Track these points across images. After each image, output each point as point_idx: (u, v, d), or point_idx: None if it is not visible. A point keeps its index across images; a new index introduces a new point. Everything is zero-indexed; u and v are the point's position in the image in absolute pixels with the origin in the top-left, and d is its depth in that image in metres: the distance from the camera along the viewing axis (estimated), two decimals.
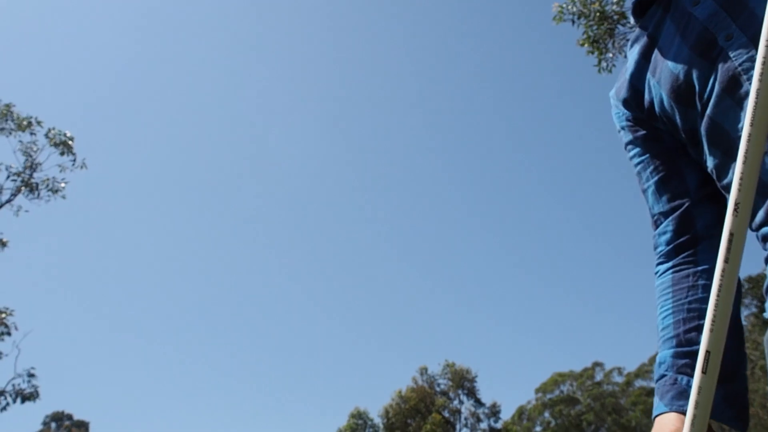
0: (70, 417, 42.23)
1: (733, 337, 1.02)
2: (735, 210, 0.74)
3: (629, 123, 1.24)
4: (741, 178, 0.72)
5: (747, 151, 0.72)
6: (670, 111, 1.10)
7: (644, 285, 67.30)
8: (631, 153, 1.25)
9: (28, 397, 15.75)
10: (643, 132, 1.21)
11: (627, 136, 1.25)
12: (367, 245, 77.47)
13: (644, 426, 38.07)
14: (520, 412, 46.28)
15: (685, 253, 1.14)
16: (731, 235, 0.74)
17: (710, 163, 1.06)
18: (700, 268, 1.11)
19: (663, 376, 1.06)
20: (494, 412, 33.38)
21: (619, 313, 68.16)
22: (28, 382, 15.48)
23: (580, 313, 68.78)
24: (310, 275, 77.06)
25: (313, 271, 77.15)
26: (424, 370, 34.55)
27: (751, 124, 0.72)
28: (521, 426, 43.35)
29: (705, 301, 0.98)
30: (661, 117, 1.14)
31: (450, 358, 38.97)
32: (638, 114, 1.21)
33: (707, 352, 0.82)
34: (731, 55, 0.99)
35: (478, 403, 33.61)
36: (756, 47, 0.94)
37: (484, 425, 33.11)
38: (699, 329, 1.02)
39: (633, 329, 65.83)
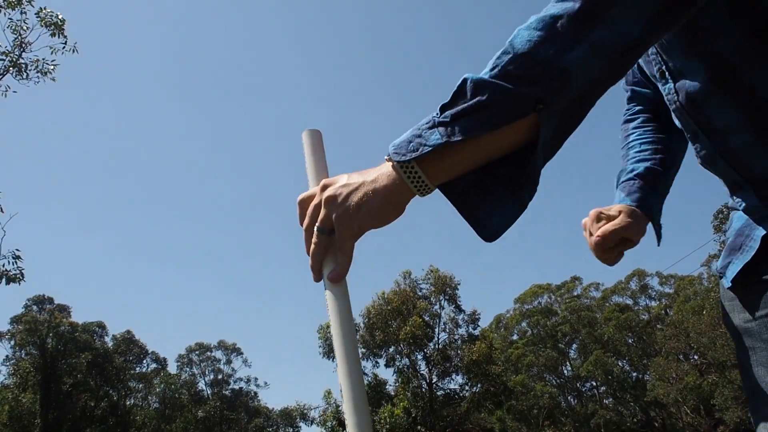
0: (51, 300, 42.38)
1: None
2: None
3: None
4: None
5: None
6: None
7: None
8: None
9: (12, 278, 15.44)
10: None
11: None
12: (355, 140, 76.51)
13: (616, 340, 39.25)
14: (498, 320, 47.46)
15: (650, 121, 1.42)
16: None
17: None
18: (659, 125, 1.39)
19: (631, 180, 1.32)
20: (473, 319, 33.97)
21: None
22: (14, 263, 15.20)
23: (560, 228, 69.73)
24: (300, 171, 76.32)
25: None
26: (407, 274, 34.79)
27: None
28: (498, 334, 44.55)
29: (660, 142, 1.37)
30: None
31: (435, 265, 39.28)
32: None
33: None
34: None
35: (458, 309, 34.09)
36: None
37: (462, 331, 33.77)
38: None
39: None
